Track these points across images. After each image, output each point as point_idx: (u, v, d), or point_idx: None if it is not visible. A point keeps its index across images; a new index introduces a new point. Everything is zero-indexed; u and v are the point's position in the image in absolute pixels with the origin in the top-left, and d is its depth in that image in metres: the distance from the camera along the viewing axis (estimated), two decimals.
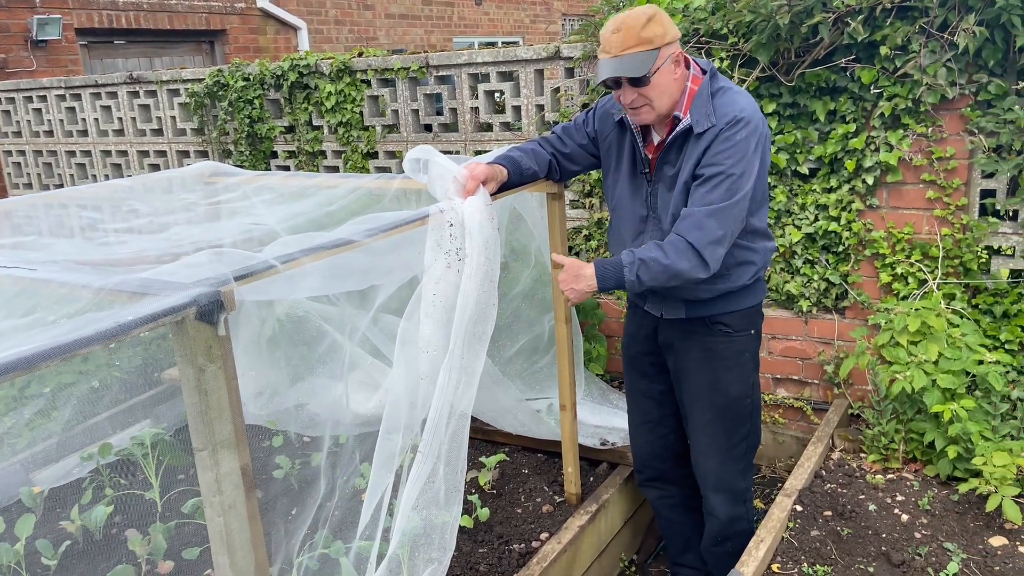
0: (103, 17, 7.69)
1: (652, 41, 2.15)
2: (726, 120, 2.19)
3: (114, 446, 3.28)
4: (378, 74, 4.41)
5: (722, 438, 2.57)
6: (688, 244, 2.17)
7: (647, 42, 2.15)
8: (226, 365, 1.53)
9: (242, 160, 4.98)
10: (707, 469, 2.63)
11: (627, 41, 2.15)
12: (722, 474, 2.62)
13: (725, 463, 2.60)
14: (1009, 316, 3.11)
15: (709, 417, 2.56)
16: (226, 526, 1.57)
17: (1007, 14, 2.77)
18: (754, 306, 2.52)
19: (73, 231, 3.18)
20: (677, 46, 2.23)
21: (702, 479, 2.66)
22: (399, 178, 2.88)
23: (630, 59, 2.16)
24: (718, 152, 2.19)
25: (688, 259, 2.18)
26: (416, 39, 11.20)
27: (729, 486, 2.63)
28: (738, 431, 2.58)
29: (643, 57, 2.16)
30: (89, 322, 1.39)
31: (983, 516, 2.66)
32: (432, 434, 2.29)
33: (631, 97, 2.23)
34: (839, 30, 3.05)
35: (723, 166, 2.18)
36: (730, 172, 2.18)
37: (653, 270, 2.19)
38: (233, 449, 1.55)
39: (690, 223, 2.20)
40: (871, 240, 3.30)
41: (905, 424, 3.00)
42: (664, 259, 2.18)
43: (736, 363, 2.51)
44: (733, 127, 2.18)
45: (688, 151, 2.27)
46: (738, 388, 2.53)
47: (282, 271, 1.78)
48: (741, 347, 2.51)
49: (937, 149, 3.09)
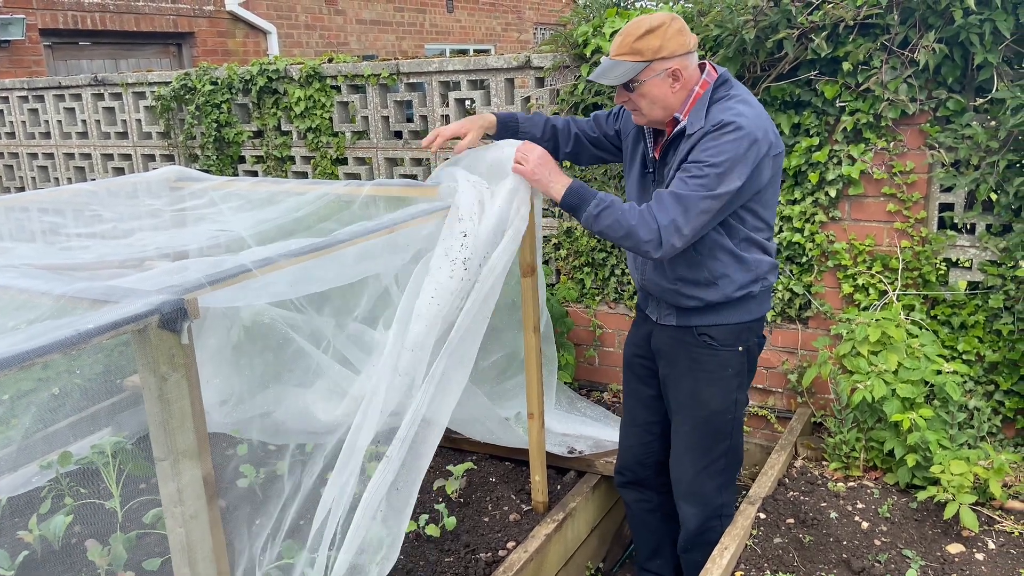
0: (68, 18, 7.57)
1: (642, 53, 2.20)
2: (714, 123, 2.19)
3: (74, 455, 3.22)
4: (348, 80, 4.39)
5: (699, 450, 2.57)
6: (653, 217, 2.19)
7: (637, 53, 2.20)
8: (189, 374, 1.52)
9: (209, 165, 4.93)
10: (680, 477, 2.64)
11: (621, 47, 2.23)
12: (695, 485, 2.62)
13: (700, 475, 2.59)
14: (966, 327, 3.18)
15: (688, 427, 2.56)
16: (188, 536, 1.56)
17: (966, 32, 2.85)
18: (745, 323, 2.47)
19: (34, 235, 3.13)
20: (680, 60, 2.23)
21: (675, 486, 2.68)
22: (369, 184, 2.88)
23: (616, 66, 2.24)
24: (702, 150, 2.19)
25: (647, 229, 2.19)
26: (387, 45, 11.18)
27: (702, 498, 2.62)
28: (717, 446, 2.57)
29: (628, 67, 2.22)
30: (48, 330, 1.37)
31: (941, 523, 2.71)
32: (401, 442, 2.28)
33: (622, 98, 2.32)
34: (803, 46, 3.11)
35: (701, 161, 2.17)
36: (709, 164, 2.16)
37: (615, 217, 2.22)
38: (195, 459, 1.54)
39: (656, 201, 2.21)
40: (833, 251, 3.36)
41: (866, 433, 3.05)
42: (629, 218, 2.20)
43: (719, 376, 2.49)
44: (720, 129, 2.17)
45: (680, 148, 2.29)
46: (718, 402, 2.51)
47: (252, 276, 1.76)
48: (725, 361, 2.48)
49: (898, 163, 3.16)
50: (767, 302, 2.53)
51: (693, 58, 2.28)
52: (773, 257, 2.48)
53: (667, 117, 2.31)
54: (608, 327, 4.00)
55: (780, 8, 3.05)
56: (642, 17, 2.25)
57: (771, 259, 2.47)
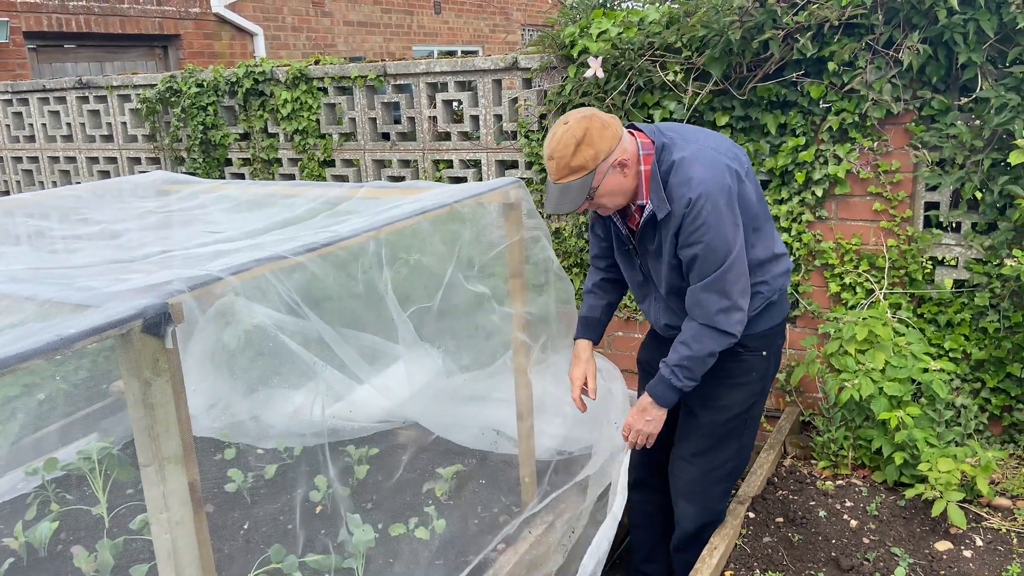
0: (52, 20, 7.52)
1: (585, 167, 2.16)
2: (684, 205, 2.18)
3: (60, 460, 3.20)
4: (335, 82, 4.38)
5: (710, 452, 2.54)
6: (701, 326, 2.27)
7: (580, 170, 2.16)
8: (174, 379, 1.51)
9: (195, 167, 4.91)
10: (685, 476, 2.60)
11: (560, 171, 2.18)
12: (700, 486, 2.58)
13: (707, 477, 2.56)
14: (953, 325, 3.20)
15: (705, 430, 2.53)
16: (173, 543, 1.54)
17: (950, 32, 2.86)
18: (769, 329, 2.48)
19: (19, 239, 3.10)
20: (618, 151, 2.19)
21: (677, 487, 2.63)
22: (365, 186, 2.87)
23: (566, 190, 2.19)
24: (690, 233, 2.20)
25: (709, 338, 2.28)
26: (375, 47, 11.15)
27: (704, 500, 2.60)
28: (728, 448, 2.54)
29: (578, 185, 2.18)
30: (30, 334, 1.36)
31: (929, 521, 2.72)
32: None
33: (584, 207, 2.27)
34: (789, 46, 3.12)
35: (699, 244, 2.20)
36: (708, 245, 2.19)
37: (692, 366, 2.31)
38: (181, 464, 1.53)
39: (692, 303, 2.28)
40: (820, 251, 3.37)
41: (854, 431, 3.06)
42: (692, 351, 2.29)
43: (744, 381, 2.49)
44: (692, 209, 2.17)
45: (661, 230, 2.29)
46: (739, 405, 2.50)
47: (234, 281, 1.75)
48: (750, 367, 2.48)
49: (883, 162, 3.18)
50: (786, 303, 2.56)
51: (625, 139, 2.23)
52: (786, 260, 2.47)
53: (633, 198, 2.30)
54: (618, 331, 3.98)
55: (765, 9, 3.06)
56: (558, 132, 2.17)
57: (785, 264, 2.47)
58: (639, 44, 3.41)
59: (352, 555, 2.56)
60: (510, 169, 4.08)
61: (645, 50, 3.41)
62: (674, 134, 2.29)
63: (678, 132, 2.31)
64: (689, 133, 2.31)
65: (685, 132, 2.31)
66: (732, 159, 2.27)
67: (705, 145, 2.26)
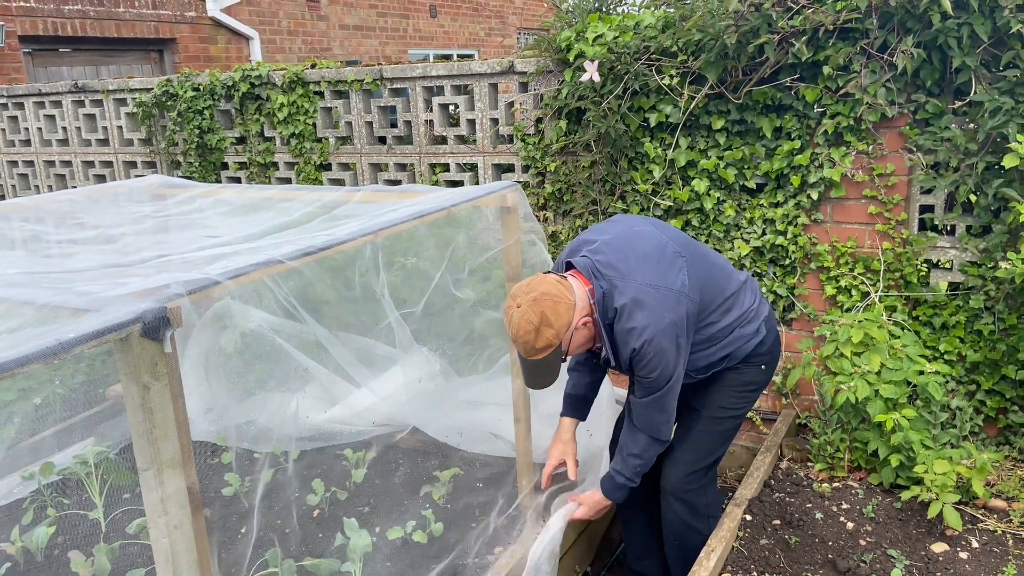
0: (48, 24, 7.51)
1: (551, 345, 2.21)
2: (629, 352, 2.29)
3: (56, 465, 3.19)
4: (331, 86, 4.38)
5: (699, 451, 2.64)
6: (648, 438, 2.47)
7: (547, 348, 2.21)
8: (172, 383, 1.51)
9: (191, 171, 4.91)
10: (671, 474, 2.67)
11: (529, 352, 2.23)
12: (685, 483, 2.66)
13: (692, 475, 2.65)
14: (948, 327, 3.21)
15: (698, 428, 2.64)
16: (172, 547, 1.54)
17: (944, 36, 2.88)
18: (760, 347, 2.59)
19: (15, 243, 3.10)
20: (577, 318, 2.25)
21: (664, 485, 2.70)
22: (362, 190, 2.87)
23: (542, 366, 2.27)
24: (639, 368, 2.33)
25: (654, 446, 2.49)
26: (371, 50, 11.16)
27: (688, 498, 2.67)
28: (717, 450, 2.67)
29: (552, 357, 2.25)
30: (29, 339, 1.36)
31: (925, 523, 2.73)
32: None
33: None
34: (784, 50, 3.13)
35: (646, 378, 2.34)
36: (653, 379, 2.33)
37: (642, 468, 2.52)
38: (179, 468, 1.53)
39: (640, 416, 2.45)
40: (816, 254, 3.39)
41: (850, 433, 3.07)
42: (643, 460, 2.51)
43: (742, 389, 2.62)
44: (637, 355, 2.28)
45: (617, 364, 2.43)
46: (736, 410, 2.64)
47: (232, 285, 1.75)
48: (748, 378, 2.61)
49: (878, 166, 3.19)
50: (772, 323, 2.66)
51: (578, 297, 2.26)
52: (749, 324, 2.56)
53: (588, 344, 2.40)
54: None
55: (761, 13, 3.08)
56: (513, 315, 2.21)
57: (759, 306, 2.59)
58: (635, 48, 3.42)
59: (350, 559, 2.56)
60: (506, 172, 4.09)
61: (641, 54, 3.42)
62: (612, 272, 2.29)
63: (615, 267, 2.30)
64: (628, 267, 2.30)
65: (624, 266, 2.30)
66: (673, 281, 2.30)
67: (645, 282, 2.28)
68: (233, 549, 2.78)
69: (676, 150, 3.50)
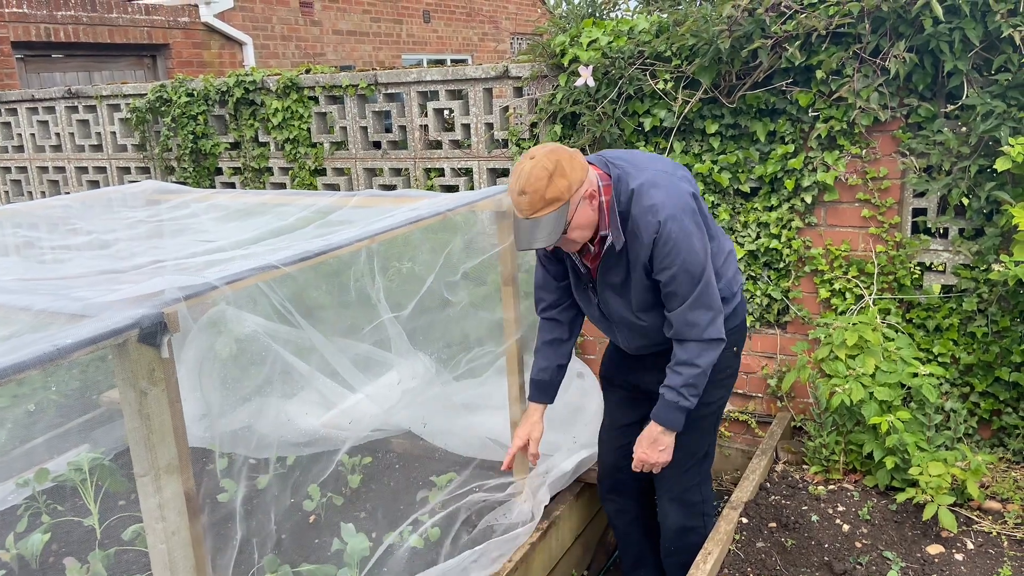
0: (40, 30, 7.49)
1: (560, 199, 2.10)
2: (652, 231, 2.20)
3: (51, 471, 3.18)
4: (326, 91, 4.39)
5: (685, 451, 2.56)
6: (698, 343, 2.32)
7: (555, 201, 2.10)
8: (169, 388, 1.50)
9: (186, 177, 4.90)
10: (664, 479, 2.65)
11: (535, 205, 2.11)
12: (680, 485, 2.64)
13: (685, 476, 2.63)
14: (941, 330, 3.23)
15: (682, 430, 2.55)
16: (169, 553, 1.54)
17: (935, 41, 2.90)
18: (736, 326, 2.54)
19: (8, 249, 3.09)
20: (587, 182, 2.17)
21: (658, 487, 2.69)
22: (357, 195, 2.87)
23: (540, 225, 2.12)
24: (664, 256, 2.22)
25: (708, 350, 2.33)
26: (364, 55, 11.16)
27: (684, 497, 2.66)
28: (702, 445, 2.63)
29: (554, 218, 2.12)
30: (26, 344, 1.35)
31: (920, 525, 2.74)
32: None
33: (551, 248, 2.28)
34: (777, 55, 3.15)
35: (675, 266, 2.22)
36: (683, 266, 2.23)
37: (698, 382, 2.35)
38: (176, 474, 1.52)
39: (682, 326, 2.31)
40: (810, 257, 3.40)
41: (845, 436, 3.08)
42: (699, 367, 2.33)
43: (719, 379, 2.53)
44: (662, 233, 2.20)
45: (627, 258, 2.30)
46: (715, 403, 2.58)
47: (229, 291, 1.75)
48: (722, 365, 2.50)
49: (871, 169, 3.21)
50: (744, 300, 2.62)
51: (590, 177, 2.21)
52: (735, 255, 2.53)
53: (597, 230, 2.29)
54: (589, 335, 4.01)
55: (754, 18, 3.09)
56: (532, 166, 2.11)
57: (735, 263, 2.52)
58: (629, 53, 3.43)
59: (347, 564, 2.55)
60: (501, 177, 4.09)
61: (635, 59, 3.44)
62: (624, 163, 2.29)
63: (627, 160, 2.31)
64: (638, 160, 2.32)
65: (634, 159, 2.32)
66: (683, 179, 2.31)
67: (657, 169, 2.28)
68: (229, 555, 2.77)
69: (671, 154, 3.51)
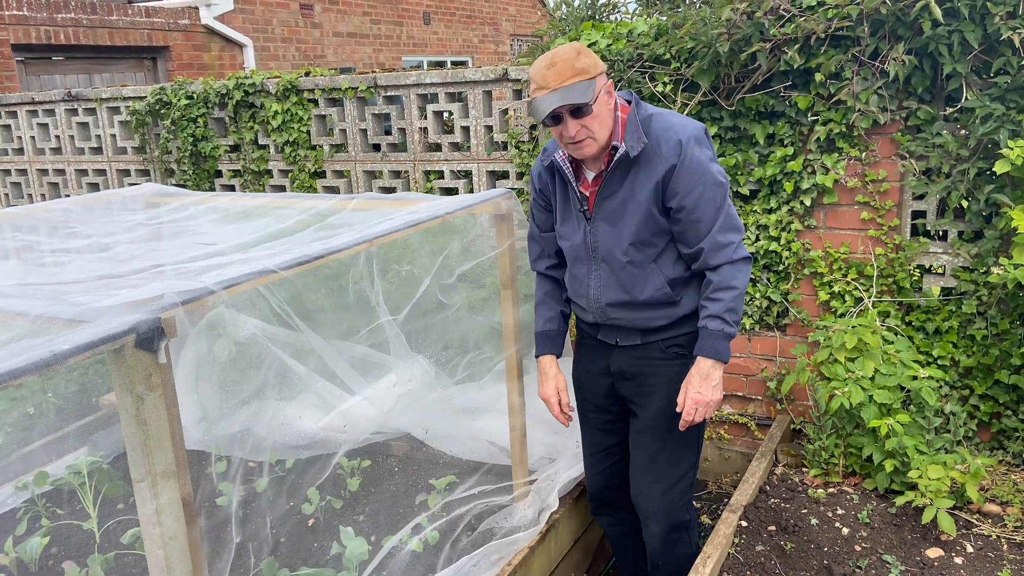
0: (41, 33, 7.50)
1: (588, 71, 2.13)
2: (674, 148, 2.19)
3: (50, 475, 3.18)
4: (326, 93, 4.39)
5: (668, 468, 2.50)
6: (730, 265, 2.26)
7: (584, 72, 2.12)
8: (166, 393, 1.50)
9: (185, 179, 4.90)
10: (647, 497, 2.55)
11: (564, 73, 2.11)
12: (663, 505, 2.53)
13: (668, 494, 2.52)
14: (940, 332, 3.23)
15: (657, 445, 2.49)
16: (167, 558, 1.54)
17: (935, 43, 2.90)
18: None
19: (7, 253, 3.09)
20: (606, 77, 2.22)
21: (641, 505, 2.59)
22: (356, 198, 2.87)
23: (571, 89, 2.12)
24: (689, 176, 2.19)
25: (742, 271, 2.28)
26: (364, 57, 11.17)
27: (670, 516, 2.55)
28: (685, 461, 2.52)
29: (583, 86, 2.12)
30: (24, 350, 1.35)
31: (920, 528, 2.74)
32: None
33: (574, 130, 2.17)
34: (776, 57, 3.15)
35: (700, 186, 2.20)
36: (708, 185, 2.21)
37: (738, 306, 2.28)
38: (174, 479, 1.52)
39: (711, 251, 2.26)
40: (809, 259, 3.40)
41: (844, 439, 3.08)
42: (737, 289, 2.27)
43: None
44: (684, 151, 2.18)
45: (635, 178, 2.25)
46: None
47: (226, 295, 1.75)
48: None
49: (870, 172, 3.21)
50: None
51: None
52: None
53: (611, 139, 2.25)
54: None
55: (753, 21, 3.09)
56: (557, 47, 2.17)
57: None
58: (628, 55, 3.43)
59: (346, 567, 2.55)
60: (501, 180, 4.09)
61: (634, 61, 3.44)
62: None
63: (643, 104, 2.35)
64: None
65: None
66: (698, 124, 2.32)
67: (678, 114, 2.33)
68: (226, 559, 2.77)
69: None
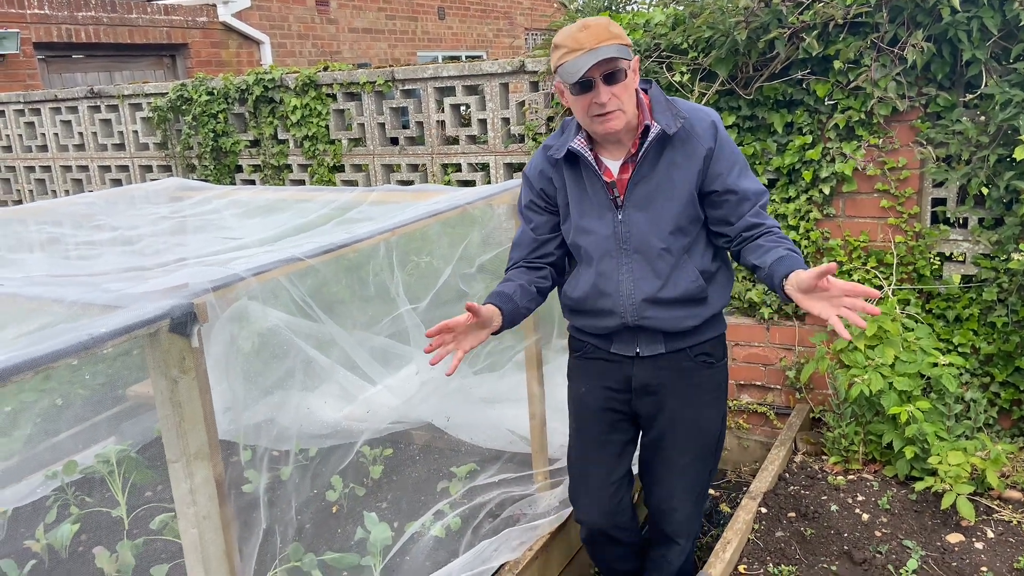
0: (62, 31, 7.60)
1: (621, 37, 2.02)
2: (709, 127, 2.12)
3: (79, 464, 3.24)
4: (344, 88, 4.43)
5: (696, 481, 2.37)
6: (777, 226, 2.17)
7: (619, 37, 2.01)
8: (199, 376, 1.55)
9: (206, 174, 4.96)
10: (676, 513, 2.38)
11: (600, 35, 1.99)
12: (692, 517, 2.43)
13: (696, 506, 2.42)
14: (961, 320, 3.22)
15: (688, 459, 2.33)
16: (201, 537, 1.58)
17: (954, 29, 2.89)
18: (725, 331, 2.37)
19: (33, 247, 3.15)
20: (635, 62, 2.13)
21: (673, 529, 2.41)
22: (376, 191, 2.91)
23: (607, 50, 1.97)
24: (727, 156, 2.12)
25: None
26: (380, 53, 11.22)
27: (692, 528, 2.46)
28: (709, 470, 2.41)
29: (619, 49, 1.99)
30: (61, 333, 1.40)
31: (940, 514, 2.74)
32: None
33: (606, 96, 2.02)
34: (794, 45, 3.15)
35: (738, 163, 2.14)
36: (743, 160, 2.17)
37: None
38: (207, 460, 1.56)
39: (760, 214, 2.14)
40: (828, 248, 3.40)
41: (864, 426, 3.09)
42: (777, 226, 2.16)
43: (718, 396, 2.34)
44: (717, 129, 2.13)
45: (671, 160, 2.11)
46: (717, 425, 2.35)
47: (255, 283, 1.79)
48: (721, 378, 2.34)
49: (890, 159, 3.20)
50: None
51: None
52: None
53: (636, 119, 2.12)
54: None
55: (771, 9, 3.09)
56: (579, 21, 2.06)
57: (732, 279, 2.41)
58: (646, 46, 3.44)
59: (369, 552, 2.59)
60: (518, 172, 4.11)
61: (652, 51, 3.45)
62: None
63: None
64: None
65: None
66: None
67: None
68: (254, 543, 2.82)
69: None
